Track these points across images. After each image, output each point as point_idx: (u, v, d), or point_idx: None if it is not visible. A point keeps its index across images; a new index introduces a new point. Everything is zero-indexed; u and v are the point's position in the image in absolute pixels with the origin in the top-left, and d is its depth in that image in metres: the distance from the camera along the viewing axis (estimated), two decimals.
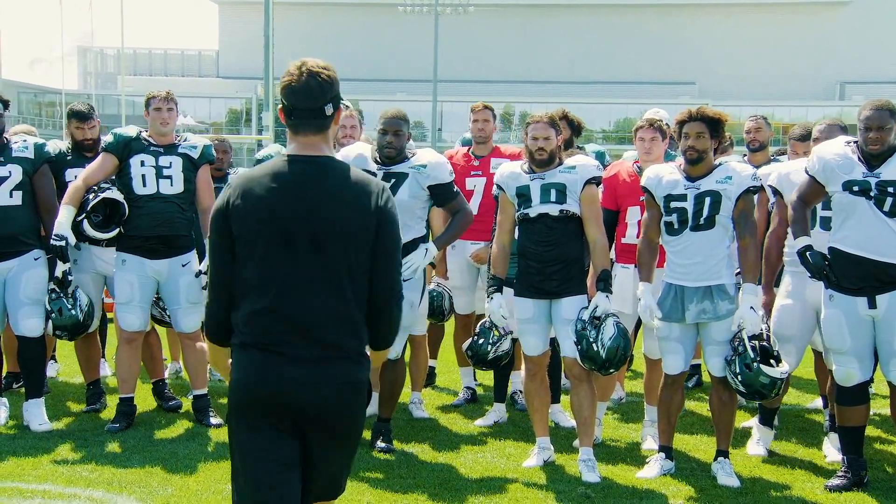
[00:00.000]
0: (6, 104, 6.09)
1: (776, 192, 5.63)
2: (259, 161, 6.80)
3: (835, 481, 5.14)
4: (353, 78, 60.06)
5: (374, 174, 5.54)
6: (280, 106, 3.07)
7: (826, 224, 5.48)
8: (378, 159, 5.67)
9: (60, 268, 6.05)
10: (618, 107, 58.19)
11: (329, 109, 3.02)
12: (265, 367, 2.94)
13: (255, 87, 49.54)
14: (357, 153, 5.69)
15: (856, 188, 4.98)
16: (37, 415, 6.07)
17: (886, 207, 4.91)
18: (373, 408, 6.39)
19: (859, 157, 5.02)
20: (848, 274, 5.02)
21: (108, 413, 6.37)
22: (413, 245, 5.59)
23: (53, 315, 6.03)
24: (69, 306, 6.02)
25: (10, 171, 5.98)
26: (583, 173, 5.33)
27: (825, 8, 61.02)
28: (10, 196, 5.97)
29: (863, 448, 5.23)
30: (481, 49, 61.94)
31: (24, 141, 6.14)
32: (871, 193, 4.93)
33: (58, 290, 6.04)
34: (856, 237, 4.99)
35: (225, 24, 65.57)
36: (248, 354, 2.97)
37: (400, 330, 5.61)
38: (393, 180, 5.58)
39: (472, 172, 6.83)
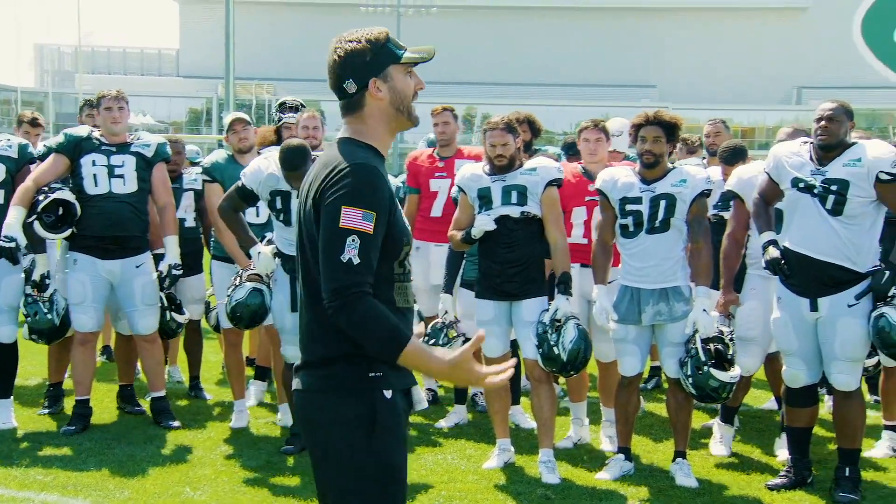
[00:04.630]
0: None
1: (735, 196, 5.66)
2: (205, 168, 6.57)
3: (776, 480, 5.20)
4: (314, 78, 59.78)
5: (289, 192, 5.39)
6: None
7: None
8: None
9: (38, 271, 5.98)
10: (579, 109, 58.23)
11: (351, 87, 2.64)
12: None
13: (216, 86, 49.10)
14: (269, 172, 5.43)
15: (801, 185, 5.01)
16: (2, 414, 6.06)
17: (829, 205, 4.92)
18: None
19: (811, 156, 5.06)
20: (795, 273, 5.05)
21: (65, 417, 6.27)
22: None
23: (29, 319, 5.96)
24: (45, 310, 5.95)
25: None
26: (544, 175, 5.34)
27: (784, 13, 61.64)
28: None
29: (808, 449, 5.28)
30: (444, 50, 61.30)
31: (9, 140, 6.12)
32: (816, 191, 4.95)
33: (34, 294, 5.97)
34: (800, 235, 5.02)
35: (186, 22, 64.91)
36: None
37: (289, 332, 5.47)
38: None
39: (437, 174, 6.81)
